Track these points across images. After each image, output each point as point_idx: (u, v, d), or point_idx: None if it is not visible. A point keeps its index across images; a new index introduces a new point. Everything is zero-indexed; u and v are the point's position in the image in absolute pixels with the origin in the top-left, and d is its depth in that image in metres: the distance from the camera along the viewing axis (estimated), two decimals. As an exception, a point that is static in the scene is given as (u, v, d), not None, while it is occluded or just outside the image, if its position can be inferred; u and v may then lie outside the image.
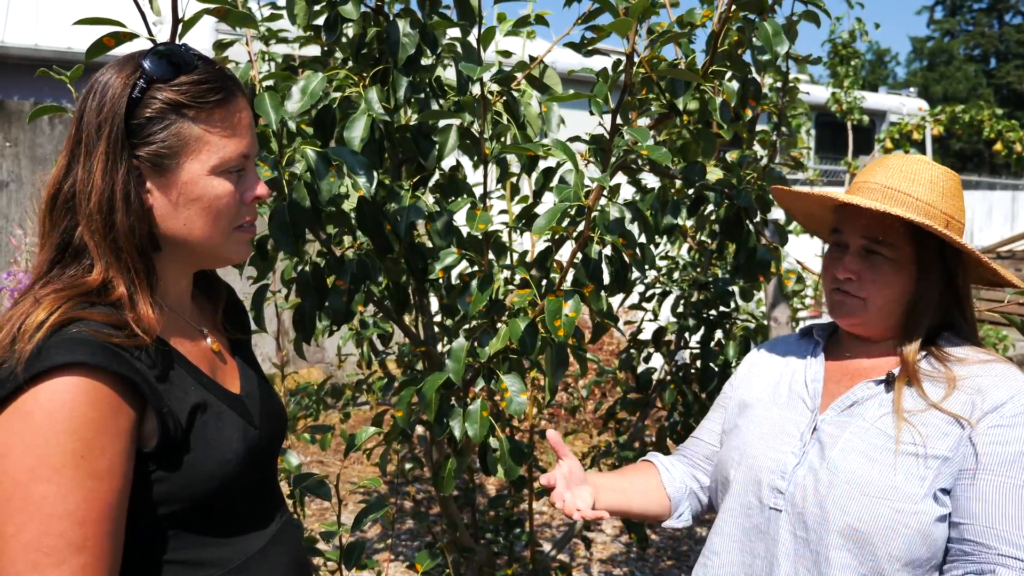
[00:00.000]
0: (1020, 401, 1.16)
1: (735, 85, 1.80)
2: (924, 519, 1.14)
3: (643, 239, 1.91)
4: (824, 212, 1.38)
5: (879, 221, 1.24)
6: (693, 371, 2.65)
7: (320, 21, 1.79)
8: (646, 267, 1.80)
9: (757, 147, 2.46)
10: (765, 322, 2.92)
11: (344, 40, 1.82)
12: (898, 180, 1.25)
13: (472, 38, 1.83)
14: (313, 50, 2.21)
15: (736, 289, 2.61)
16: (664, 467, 1.50)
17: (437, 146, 1.79)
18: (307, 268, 1.74)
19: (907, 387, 1.22)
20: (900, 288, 1.25)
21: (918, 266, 1.24)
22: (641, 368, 2.74)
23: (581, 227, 1.66)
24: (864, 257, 1.26)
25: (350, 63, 1.81)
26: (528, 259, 2.15)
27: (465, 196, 1.92)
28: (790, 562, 1.22)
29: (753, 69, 1.80)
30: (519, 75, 1.86)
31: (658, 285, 2.89)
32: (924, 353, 1.25)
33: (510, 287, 1.84)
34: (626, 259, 1.76)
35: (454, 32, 1.86)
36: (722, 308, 2.62)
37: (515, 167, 2.10)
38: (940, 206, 1.24)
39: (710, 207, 2.11)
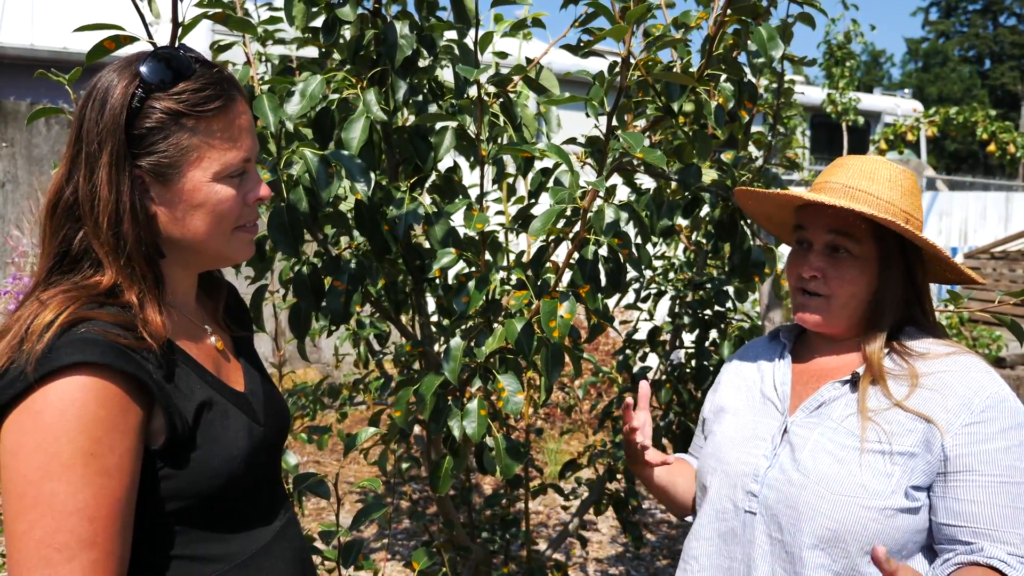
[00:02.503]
0: (985, 394, 1.18)
1: (730, 87, 1.82)
2: (892, 515, 1.16)
3: (639, 240, 1.92)
4: (784, 214, 1.40)
5: (842, 219, 1.26)
6: (688, 371, 2.67)
7: (318, 23, 1.80)
8: (642, 267, 1.81)
9: (752, 148, 2.47)
10: (760, 322, 2.93)
11: (342, 42, 1.83)
12: (858, 179, 1.28)
13: (469, 40, 1.85)
14: (311, 52, 2.22)
15: (731, 289, 2.63)
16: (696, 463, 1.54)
17: (434, 148, 1.80)
18: (304, 269, 1.75)
19: (871, 386, 1.24)
20: (863, 284, 1.27)
21: (880, 263, 1.27)
22: (637, 368, 2.75)
23: (577, 228, 1.67)
24: (828, 255, 1.28)
25: (348, 65, 1.82)
26: (524, 260, 2.16)
27: (462, 197, 1.93)
28: (767, 564, 1.24)
29: (748, 72, 1.82)
30: (516, 77, 1.87)
31: (654, 285, 2.90)
32: (887, 350, 1.27)
33: (506, 288, 1.85)
34: (622, 259, 1.77)
35: (451, 34, 1.87)
36: (717, 308, 2.63)
37: (512, 168, 2.11)
38: (899, 204, 1.26)
39: (705, 208, 2.13)
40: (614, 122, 1.62)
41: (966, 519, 1.16)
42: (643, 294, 2.87)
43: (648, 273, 2.88)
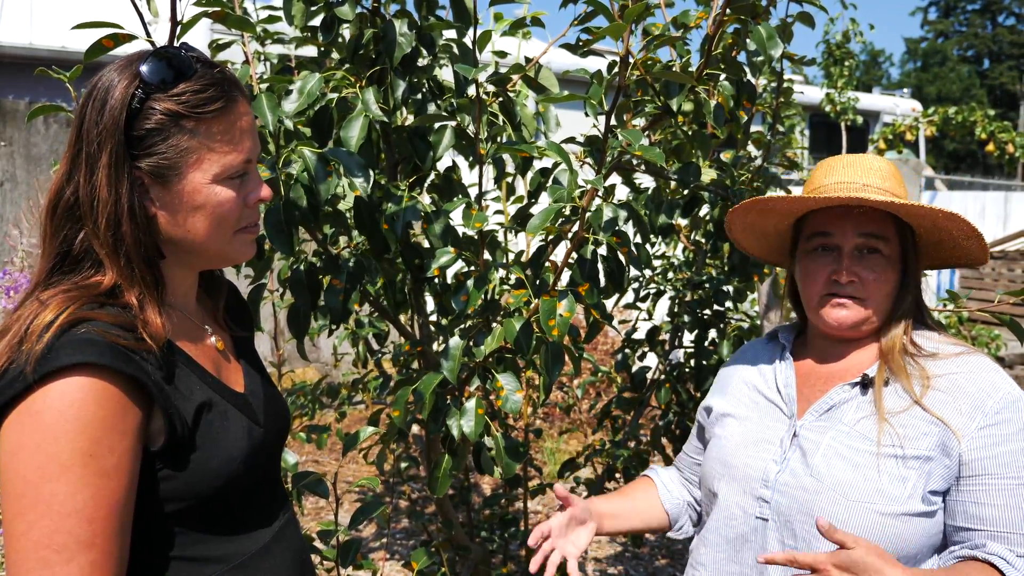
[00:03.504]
0: (998, 395, 1.17)
1: (729, 87, 1.81)
2: (908, 520, 1.15)
3: (638, 239, 1.92)
4: (784, 224, 1.36)
5: (872, 220, 1.24)
6: (687, 370, 2.67)
7: (317, 22, 1.80)
8: (641, 266, 1.81)
9: (751, 147, 2.47)
10: (759, 322, 2.93)
11: (341, 41, 1.83)
12: (865, 176, 1.26)
13: (468, 39, 1.84)
14: (310, 51, 2.22)
15: (730, 289, 2.63)
16: (662, 483, 1.52)
17: (433, 147, 1.80)
18: (302, 267, 1.75)
19: (884, 387, 1.23)
20: (894, 284, 1.26)
21: (903, 260, 1.26)
22: (636, 367, 2.75)
23: (576, 227, 1.67)
24: (858, 258, 1.25)
25: (347, 64, 1.82)
26: (523, 259, 2.16)
27: (460, 196, 1.93)
28: (780, 570, 1.21)
29: (747, 71, 1.82)
30: (515, 76, 1.87)
31: (653, 285, 2.90)
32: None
33: (505, 287, 1.85)
34: (621, 258, 1.77)
35: (450, 33, 1.87)
36: (716, 307, 2.63)
37: (511, 167, 2.11)
38: (903, 196, 1.26)
39: (704, 207, 2.12)
40: (613, 121, 1.62)
41: (984, 522, 1.15)
42: (642, 293, 2.86)
43: (647, 272, 2.88)
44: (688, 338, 2.73)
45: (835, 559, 1.04)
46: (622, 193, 2.28)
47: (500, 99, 1.87)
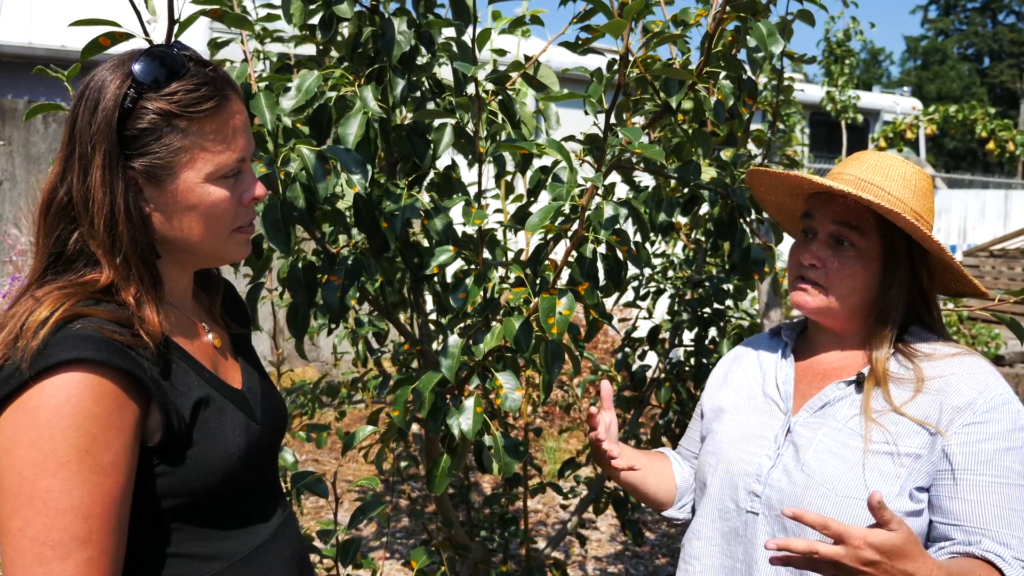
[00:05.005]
0: (989, 395, 1.17)
1: (729, 84, 1.81)
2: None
3: (638, 237, 1.92)
4: (794, 202, 1.39)
5: (850, 210, 1.25)
6: (688, 369, 2.66)
7: (315, 20, 1.79)
8: (641, 265, 1.81)
9: (751, 146, 2.46)
10: (759, 320, 2.92)
11: (339, 39, 1.83)
12: (871, 173, 1.26)
13: (467, 37, 1.84)
14: (309, 49, 2.21)
15: (730, 287, 2.62)
16: (675, 459, 1.54)
17: (432, 145, 1.80)
18: (299, 264, 1.75)
19: (875, 388, 1.23)
20: (864, 280, 1.25)
21: (883, 260, 1.25)
22: (636, 366, 2.75)
23: (576, 225, 1.66)
24: (832, 246, 1.27)
25: (346, 62, 1.82)
26: (523, 258, 2.16)
27: (460, 195, 1.93)
28: (769, 564, 1.22)
29: (748, 69, 1.81)
30: (514, 74, 1.86)
31: (653, 283, 2.89)
32: (892, 351, 1.25)
33: (504, 285, 1.85)
34: (620, 257, 1.76)
35: (449, 31, 1.86)
36: (716, 306, 2.63)
37: (511, 165, 2.11)
38: (910, 202, 1.24)
39: (704, 206, 2.12)
40: (612, 119, 1.61)
41: (958, 518, 1.15)
42: (642, 292, 2.86)
43: (647, 271, 2.87)
44: (688, 336, 2.72)
45: (875, 538, 0.97)
46: (622, 191, 2.28)
47: (499, 97, 1.86)
